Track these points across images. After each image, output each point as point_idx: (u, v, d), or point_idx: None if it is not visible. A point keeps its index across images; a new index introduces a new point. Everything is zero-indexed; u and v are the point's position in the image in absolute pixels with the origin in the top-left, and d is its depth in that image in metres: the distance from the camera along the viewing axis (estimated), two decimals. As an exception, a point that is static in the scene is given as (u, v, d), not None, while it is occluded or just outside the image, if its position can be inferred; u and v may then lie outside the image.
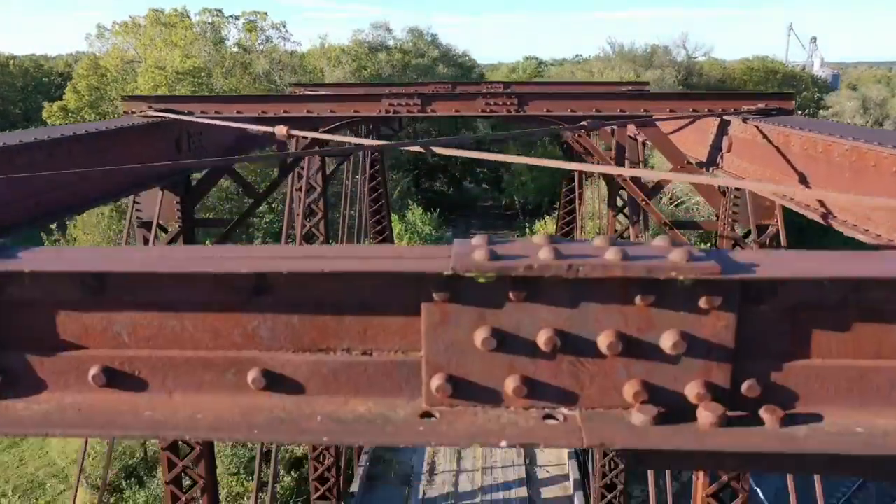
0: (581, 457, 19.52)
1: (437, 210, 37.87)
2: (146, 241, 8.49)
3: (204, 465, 9.68)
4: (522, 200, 41.64)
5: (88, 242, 33.73)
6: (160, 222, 8.37)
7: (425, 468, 19.44)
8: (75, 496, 8.86)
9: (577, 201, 22.14)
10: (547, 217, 34.44)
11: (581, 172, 21.72)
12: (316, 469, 16.71)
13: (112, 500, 23.60)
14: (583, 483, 18.18)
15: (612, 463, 16.63)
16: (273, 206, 38.42)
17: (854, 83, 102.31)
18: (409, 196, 38.87)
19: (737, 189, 8.08)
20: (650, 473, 10.39)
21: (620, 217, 15.70)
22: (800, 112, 52.88)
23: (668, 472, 11.44)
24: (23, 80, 65.51)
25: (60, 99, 43.12)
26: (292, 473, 24.94)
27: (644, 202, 8.37)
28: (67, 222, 35.27)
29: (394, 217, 32.16)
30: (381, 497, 18.32)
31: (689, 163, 8.02)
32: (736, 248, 8.71)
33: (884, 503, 26.57)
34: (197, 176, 9.50)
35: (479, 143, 51.39)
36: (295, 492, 23.79)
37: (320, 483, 16.75)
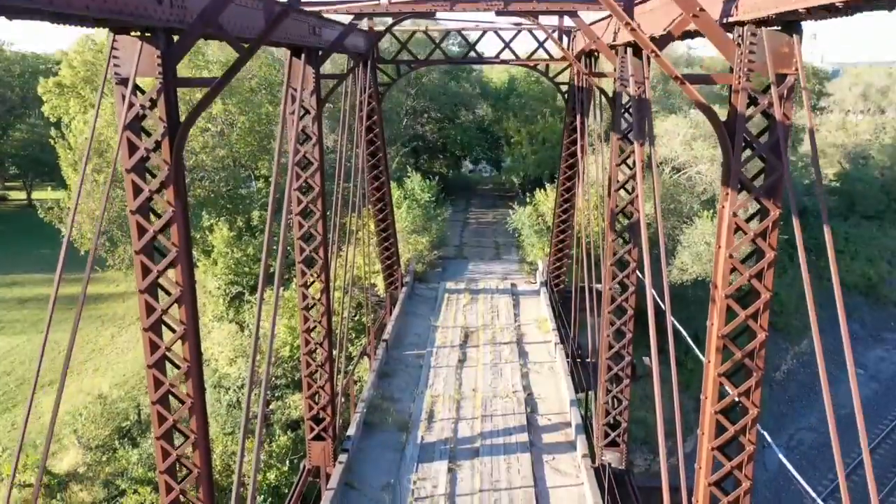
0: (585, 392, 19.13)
1: (437, 178, 37.40)
2: (123, 99, 8.03)
3: (195, 419, 9.22)
4: (522, 175, 41.23)
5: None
6: (138, 80, 7.91)
7: (423, 416, 18.98)
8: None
9: (579, 153, 21.62)
10: (548, 185, 33.96)
11: (583, 146, 21.22)
12: (311, 408, 16.25)
13: (104, 458, 23.13)
14: (585, 428, 17.71)
15: (615, 401, 16.18)
16: (269, 179, 37.92)
17: (854, 78, 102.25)
18: (407, 167, 38.39)
19: (753, 35, 7.62)
20: (658, 406, 9.87)
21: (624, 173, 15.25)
22: (800, 112, 52.18)
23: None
24: (20, 65, 65.09)
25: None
26: (288, 433, 24.52)
27: (654, 54, 7.90)
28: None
29: (392, 185, 31.74)
30: (379, 442, 17.84)
31: (702, 10, 7.55)
32: (750, 107, 8.25)
33: None
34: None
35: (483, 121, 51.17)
36: (290, 450, 23.35)
37: (315, 423, 16.28)
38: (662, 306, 8.71)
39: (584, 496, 15.44)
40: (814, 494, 16.88)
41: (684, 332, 16.82)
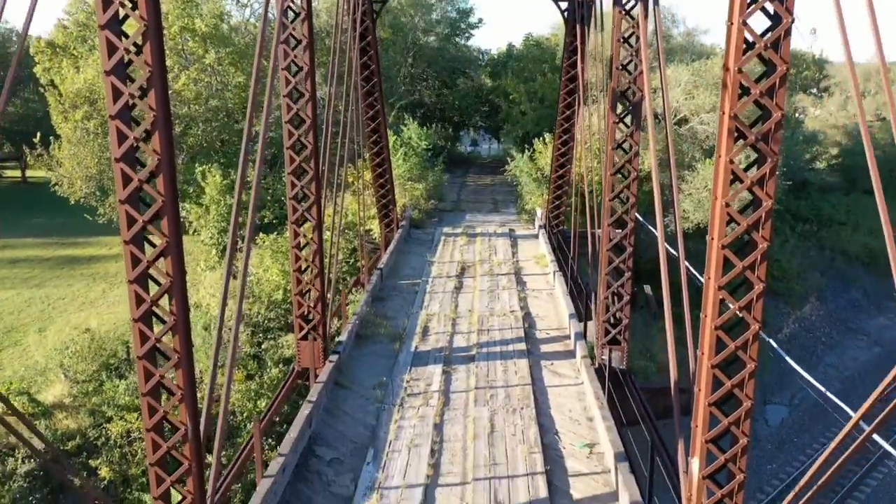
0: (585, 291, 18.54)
1: (435, 125, 36.78)
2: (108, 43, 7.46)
3: (182, 374, 8.57)
4: (521, 133, 40.58)
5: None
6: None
7: (418, 329, 18.40)
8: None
9: (578, 95, 21.06)
10: (546, 135, 33.35)
11: (584, 68, 20.67)
12: (300, 306, 15.63)
13: (91, 389, 22.53)
14: (584, 335, 17.11)
15: (615, 297, 15.59)
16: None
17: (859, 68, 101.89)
18: (405, 115, 37.70)
19: None
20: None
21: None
22: (802, 93, 51.75)
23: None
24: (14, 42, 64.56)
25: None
26: (280, 366, 23.92)
27: None
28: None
29: (389, 134, 31.14)
30: (370, 351, 17.26)
31: None
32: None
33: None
34: None
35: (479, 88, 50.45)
36: (281, 381, 22.73)
37: (304, 321, 15.66)
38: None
39: (583, 393, 14.85)
40: (851, 412, 16.37)
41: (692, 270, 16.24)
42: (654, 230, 31.56)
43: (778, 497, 27.80)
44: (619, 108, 15.05)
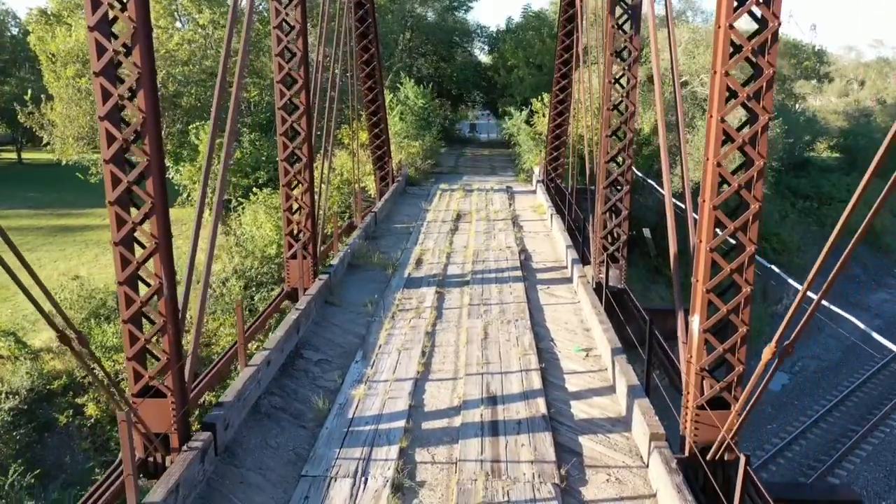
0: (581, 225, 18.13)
1: (431, 85, 36.32)
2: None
3: (164, 303, 8.13)
4: (519, 99, 40.17)
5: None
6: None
7: (412, 260, 17.98)
8: None
9: (576, 31, 20.63)
10: (545, 94, 32.90)
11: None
12: (289, 223, 15.19)
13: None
14: (582, 260, 16.68)
15: (613, 213, 15.17)
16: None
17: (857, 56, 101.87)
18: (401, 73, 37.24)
19: None
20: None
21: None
22: (803, 80, 51.23)
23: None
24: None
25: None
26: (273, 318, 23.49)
27: None
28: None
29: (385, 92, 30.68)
30: (362, 277, 16.83)
31: None
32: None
33: None
34: None
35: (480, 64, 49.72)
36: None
37: (293, 239, 15.23)
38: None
39: (580, 309, 14.43)
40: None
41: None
42: (659, 189, 31.18)
43: (777, 453, 27.38)
44: (615, 68, 14.64)
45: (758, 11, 7.68)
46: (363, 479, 8.40)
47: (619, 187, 14.82)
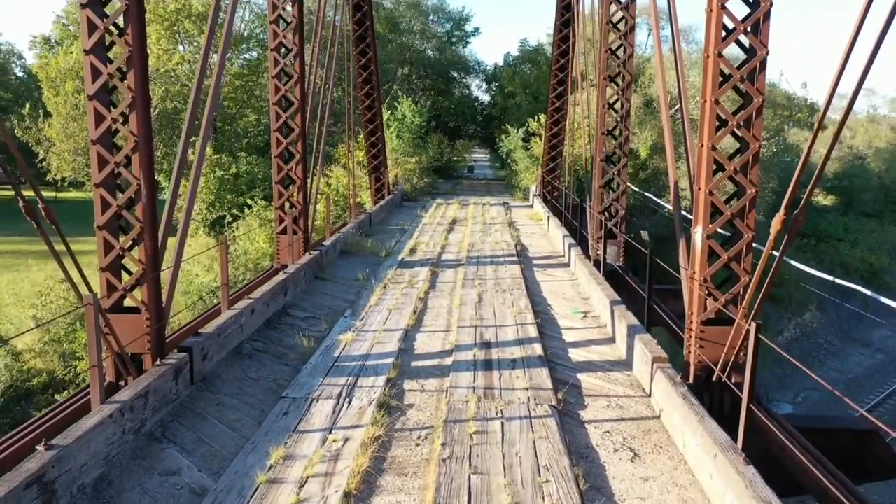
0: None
1: (429, 104, 36.51)
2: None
3: (141, 208, 7.88)
4: (517, 126, 40.38)
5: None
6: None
7: (406, 249, 17.59)
8: None
9: (573, 16, 20.88)
10: (542, 115, 33.09)
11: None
12: (280, 195, 14.87)
13: (62, 333, 21.55)
14: (580, 244, 16.34)
15: (610, 189, 14.93)
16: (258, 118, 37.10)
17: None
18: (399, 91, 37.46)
19: None
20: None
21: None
22: (796, 129, 52.04)
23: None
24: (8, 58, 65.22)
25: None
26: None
27: None
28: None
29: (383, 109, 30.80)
30: (355, 261, 16.41)
31: None
32: None
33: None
34: None
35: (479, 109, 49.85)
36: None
37: (283, 213, 14.89)
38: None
39: (577, 283, 14.00)
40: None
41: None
42: (660, 202, 31.06)
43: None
44: (609, 92, 14.71)
45: (745, 40, 7.65)
46: (347, 399, 7.87)
47: (615, 161, 14.60)
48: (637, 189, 29.64)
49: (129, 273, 8.15)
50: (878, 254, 55.94)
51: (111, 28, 7.62)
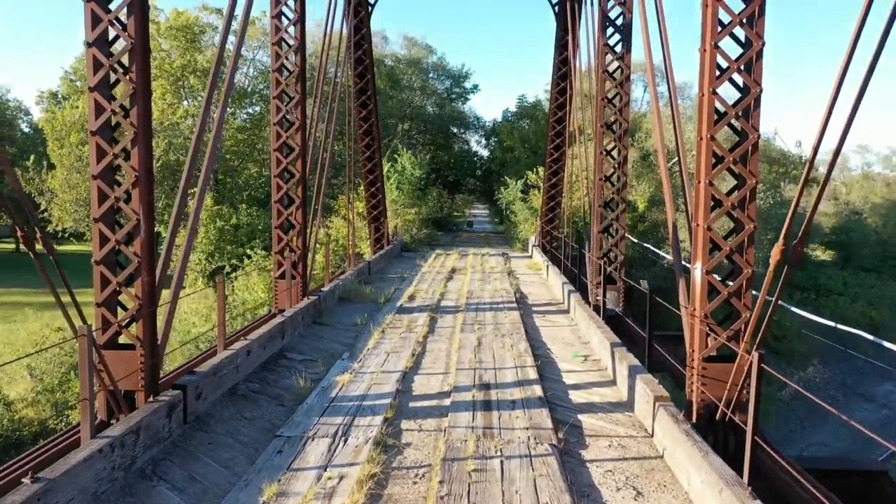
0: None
1: (428, 157, 36.91)
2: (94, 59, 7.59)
3: (140, 243, 8.02)
4: (515, 179, 40.82)
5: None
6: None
7: (405, 297, 17.52)
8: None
9: (570, 58, 21.35)
10: (540, 167, 33.46)
11: (575, 46, 21.11)
12: (279, 240, 14.89)
13: (55, 382, 21.31)
14: (579, 290, 16.27)
15: (609, 234, 14.97)
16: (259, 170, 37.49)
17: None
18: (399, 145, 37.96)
19: None
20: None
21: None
22: (790, 185, 52.67)
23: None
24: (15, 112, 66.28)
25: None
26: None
27: None
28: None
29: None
30: (353, 308, 16.31)
31: None
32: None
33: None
34: None
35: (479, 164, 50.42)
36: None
37: (282, 257, 14.88)
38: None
39: (577, 328, 13.90)
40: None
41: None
42: (659, 252, 31.08)
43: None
44: (606, 140, 15.05)
45: (739, 79, 7.84)
46: (343, 438, 7.70)
47: (613, 206, 14.68)
48: (636, 240, 29.72)
49: (125, 309, 8.09)
50: (879, 308, 55.77)
51: (116, 66, 7.75)
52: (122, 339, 8.12)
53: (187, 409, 8.09)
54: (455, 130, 50.38)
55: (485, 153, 53.45)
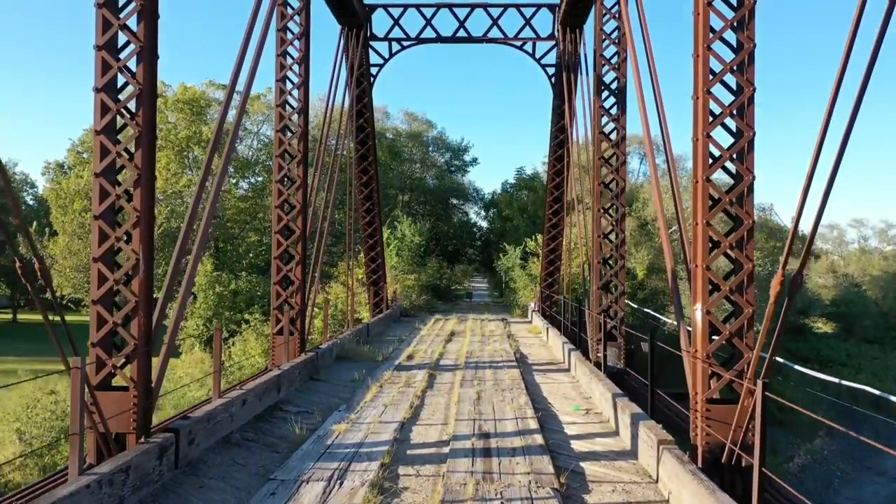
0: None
1: (428, 227, 37.13)
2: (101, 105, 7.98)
3: (138, 283, 8.05)
4: (515, 247, 41.05)
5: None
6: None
7: (403, 356, 17.33)
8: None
9: (567, 121, 21.85)
10: (539, 235, 33.68)
11: (572, 106, 21.70)
12: (278, 296, 14.87)
13: (45, 447, 20.81)
14: (579, 348, 16.11)
15: (609, 291, 14.96)
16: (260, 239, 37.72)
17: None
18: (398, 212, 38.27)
19: None
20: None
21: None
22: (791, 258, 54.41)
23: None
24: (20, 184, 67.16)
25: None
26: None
27: None
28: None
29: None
30: (351, 366, 16.11)
31: None
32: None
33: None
34: None
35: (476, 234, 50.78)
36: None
37: (280, 313, 14.82)
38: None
39: (578, 385, 13.69)
40: None
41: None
42: (659, 316, 30.87)
43: None
44: (604, 199, 15.41)
45: (732, 167, 8.06)
46: (338, 481, 7.49)
47: (612, 263, 14.72)
48: (635, 306, 29.64)
49: (120, 350, 8.01)
50: (884, 380, 55.09)
51: (122, 111, 7.94)
52: (115, 382, 7.99)
53: (179, 454, 7.89)
54: (455, 201, 51.02)
55: (484, 224, 54.00)
